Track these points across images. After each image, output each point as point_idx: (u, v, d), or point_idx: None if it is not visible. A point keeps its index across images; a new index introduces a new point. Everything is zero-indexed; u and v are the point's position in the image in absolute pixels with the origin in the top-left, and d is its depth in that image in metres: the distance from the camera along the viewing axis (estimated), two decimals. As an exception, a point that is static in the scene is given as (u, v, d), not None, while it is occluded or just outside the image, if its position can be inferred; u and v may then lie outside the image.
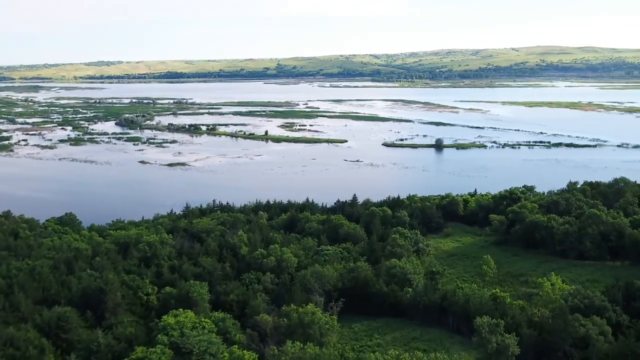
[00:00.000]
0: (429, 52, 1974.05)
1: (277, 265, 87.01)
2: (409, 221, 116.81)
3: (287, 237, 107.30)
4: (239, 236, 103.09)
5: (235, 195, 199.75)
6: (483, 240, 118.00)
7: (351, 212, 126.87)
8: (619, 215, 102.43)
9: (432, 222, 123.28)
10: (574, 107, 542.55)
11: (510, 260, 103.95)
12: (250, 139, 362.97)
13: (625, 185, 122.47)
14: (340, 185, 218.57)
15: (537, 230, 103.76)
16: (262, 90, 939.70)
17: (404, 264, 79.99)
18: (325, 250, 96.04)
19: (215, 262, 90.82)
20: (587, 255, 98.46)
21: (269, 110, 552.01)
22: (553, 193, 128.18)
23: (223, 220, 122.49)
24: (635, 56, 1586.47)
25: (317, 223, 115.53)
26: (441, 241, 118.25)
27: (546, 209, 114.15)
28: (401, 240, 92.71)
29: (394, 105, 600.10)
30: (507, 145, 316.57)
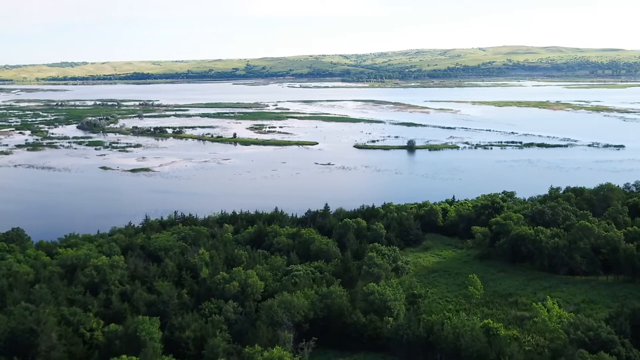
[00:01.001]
0: (398, 52, 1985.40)
1: (241, 291, 77.77)
2: (385, 234, 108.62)
3: (254, 254, 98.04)
4: (201, 255, 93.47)
5: (201, 203, 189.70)
6: (465, 254, 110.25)
7: (323, 224, 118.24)
8: (611, 227, 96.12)
9: (410, 235, 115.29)
10: (543, 106, 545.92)
11: (497, 277, 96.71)
12: (218, 142, 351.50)
13: (611, 191, 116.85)
14: (311, 191, 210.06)
15: (524, 244, 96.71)
16: (231, 91, 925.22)
17: (383, 289, 71.64)
18: (296, 270, 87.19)
19: (173, 288, 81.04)
20: (578, 271, 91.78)
21: (237, 111, 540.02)
22: (535, 200, 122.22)
23: (184, 235, 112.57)
24: (598, 56, 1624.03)
25: (287, 237, 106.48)
26: (420, 255, 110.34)
27: (531, 219, 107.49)
28: (378, 258, 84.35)
29: (365, 106, 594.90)
30: (479, 146, 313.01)
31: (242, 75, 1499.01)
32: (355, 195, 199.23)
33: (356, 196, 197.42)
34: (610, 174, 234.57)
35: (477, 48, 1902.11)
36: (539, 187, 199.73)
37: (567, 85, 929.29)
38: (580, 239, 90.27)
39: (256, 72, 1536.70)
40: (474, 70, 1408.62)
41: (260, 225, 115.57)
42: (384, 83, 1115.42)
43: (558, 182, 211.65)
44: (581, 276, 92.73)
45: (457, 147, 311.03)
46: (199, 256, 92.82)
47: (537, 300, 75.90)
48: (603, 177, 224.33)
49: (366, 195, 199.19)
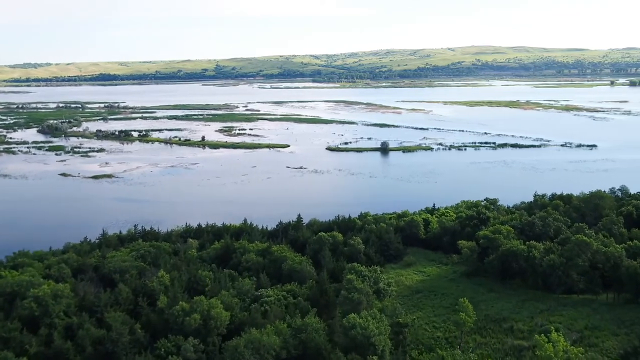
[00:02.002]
0: (369, 52, 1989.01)
1: (204, 325, 68.34)
2: (363, 249, 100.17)
3: (220, 274, 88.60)
4: (160, 278, 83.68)
5: (166, 212, 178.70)
6: (451, 271, 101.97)
7: (296, 237, 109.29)
8: (610, 241, 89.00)
9: (391, 250, 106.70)
10: (513, 106, 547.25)
11: (487, 298, 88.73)
12: (185, 146, 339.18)
13: (602, 199, 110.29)
14: (283, 197, 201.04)
15: (516, 260, 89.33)
16: (200, 92, 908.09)
17: (365, 321, 63.13)
18: (266, 295, 78.13)
19: (126, 320, 71.23)
20: (574, 289, 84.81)
21: (206, 113, 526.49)
22: (520, 207, 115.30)
23: (144, 252, 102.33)
24: (564, 55, 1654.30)
25: (256, 254, 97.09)
26: (402, 273, 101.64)
27: (520, 231, 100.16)
28: (358, 281, 75.66)
29: (336, 107, 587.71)
30: (453, 147, 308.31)
31: (211, 76, 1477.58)
32: (329, 201, 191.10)
33: (330, 202, 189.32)
34: (586, 174, 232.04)
35: (446, 48, 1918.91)
36: (519, 190, 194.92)
37: (535, 84, 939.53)
38: (578, 255, 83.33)
39: (226, 73, 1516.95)
40: (444, 70, 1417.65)
41: (228, 240, 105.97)
42: (355, 83, 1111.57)
43: (537, 185, 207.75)
44: (578, 295, 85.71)
45: (431, 149, 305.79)
46: (157, 279, 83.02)
47: (535, 325, 68.73)
48: (580, 178, 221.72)
49: (341, 201, 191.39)
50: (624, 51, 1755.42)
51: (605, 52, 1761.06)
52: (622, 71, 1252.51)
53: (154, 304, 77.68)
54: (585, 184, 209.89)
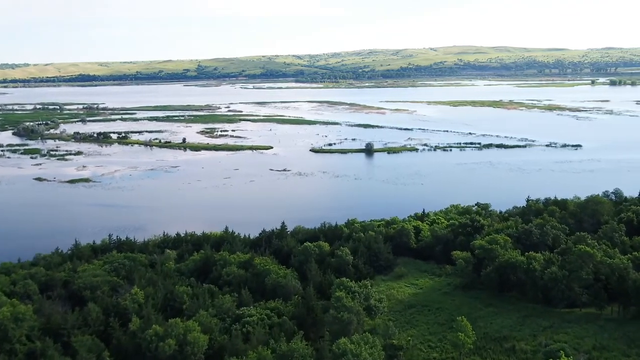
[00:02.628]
0: (351, 53, 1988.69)
1: (179, 351, 62.51)
2: (352, 261, 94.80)
3: (199, 290, 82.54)
4: (134, 295, 77.48)
5: (145, 218, 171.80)
6: (445, 283, 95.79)
7: (280, 247, 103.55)
8: (615, 252, 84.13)
9: (380, 260, 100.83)
10: (497, 105, 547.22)
11: (485, 314, 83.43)
12: (166, 148, 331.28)
13: (600, 204, 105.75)
14: (266, 201, 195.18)
15: (514, 273, 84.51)
16: (182, 93, 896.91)
17: (357, 347, 57.71)
18: (248, 315, 72.26)
19: (94, 346, 65.00)
20: (577, 302, 79.87)
21: (188, 114, 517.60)
22: (513, 213, 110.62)
23: (118, 265, 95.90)
24: (544, 55, 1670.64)
25: (238, 267, 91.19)
26: (393, 285, 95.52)
27: (516, 239, 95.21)
28: (347, 299, 70.13)
29: (320, 107, 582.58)
30: (438, 148, 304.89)
31: (193, 77, 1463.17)
32: (314, 206, 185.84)
33: (315, 206, 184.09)
34: (573, 175, 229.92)
35: (429, 48, 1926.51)
36: (509, 193, 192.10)
37: (517, 84, 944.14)
38: (581, 268, 78.65)
39: (208, 73, 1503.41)
40: (427, 70, 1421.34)
41: (208, 251, 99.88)
42: (338, 83, 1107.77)
43: (525, 187, 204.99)
44: (581, 309, 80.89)
45: (416, 150, 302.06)
46: (131, 297, 76.82)
47: (539, 345, 63.94)
48: (568, 179, 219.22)
49: (326, 205, 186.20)
50: (602, 51, 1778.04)
51: (584, 52, 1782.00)
52: (601, 71, 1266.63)
53: (126, 325, 71.47)
54: (573, 185, 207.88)
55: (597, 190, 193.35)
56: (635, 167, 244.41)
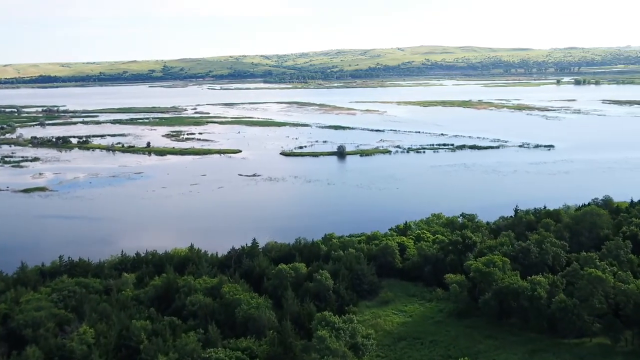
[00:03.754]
0: (319, 52, 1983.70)
1: (134, 409, 53.29)
2: (332, 285, 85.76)
3: (159, 324, 72.56)
4: (82, 334, 67.20)
5: (102, 234, 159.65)
6: (436, 310, 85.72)
7: (251, 268, 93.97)
8: (628, 275, 76.07)
9: (364, 284, 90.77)
10: (467, 105, 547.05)
11: (487, 348, 74.21)
12: (129, 153, 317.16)
13: (598, 216, 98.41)
14: (235, 211, 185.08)
15: (516, 299, 76.64)
16: (147, 94, 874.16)
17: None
18: (215, 358, 62.74)
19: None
20: (588, 332, 72.06)
21: (153, 117, 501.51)
22: (503, 225, 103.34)
23: (67, 293, 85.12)
24: (509, 55, 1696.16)
25: (204, 294, 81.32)
26: (380, 313, 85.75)
27: (512, 258, 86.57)
28: (332, 340, 61.12)
29: (289, 108, 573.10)
30: (411, 150, 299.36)
31: (159, 77, 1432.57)
32: (286, 214, 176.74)
33: (288, 215, 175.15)
34: (549, 177, 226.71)
35: (396, 48, 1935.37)
36: (489, 198, 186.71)
37: (485, 84, 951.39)
38: (592, 294, 71.29)
39: (174, 74, 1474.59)
40: (395, 69, 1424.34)
41: (170, 274, 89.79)
42: (307, 84, 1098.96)
43: (504, 191, 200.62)
44: (591, 339, 73.09)
45: (389, 152, 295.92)
46: (79, 337, 66.58)
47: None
48: (545, 182, 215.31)
49: (299, 213, 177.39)
50: (565, 51, 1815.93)
51: (548, 51, 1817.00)
52: (565, 70, 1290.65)
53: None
54: (552, 188, 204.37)
55: (579, 194, 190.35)
56: (608, 167, 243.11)
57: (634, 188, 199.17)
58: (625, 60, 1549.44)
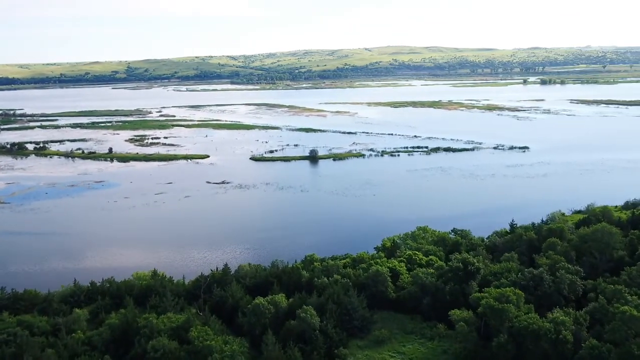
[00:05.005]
0: (287, 53, 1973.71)
1: None
2: (318, 324, 74.76)
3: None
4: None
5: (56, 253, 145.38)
6: (440, 351, 73.64)
7: (223, 299, 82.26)
8: None
9: (354, 320, 78.01)
10: (437, 106, 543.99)
11: None
12: (90, 159, 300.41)
13: (610, 236, 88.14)
14: (203, 222, 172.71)
15: (536, 342, 66.07)
16: (110, 96, 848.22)
17: None
18: None
19: None
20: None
21: (115, 120, 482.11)
22: (495, 240, 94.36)
23: (7, 337, 72.19)
24: (475, 55, 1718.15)
25: (169, 337, 69.21)
26: (375, 356, 72.99)
27: (522, 287, 75.91)
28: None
29: (258, 110, 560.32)
30: (385, 153, 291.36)
31: (122, 79, 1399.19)
32: (259, 226, 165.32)
33: (261, 227, 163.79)
34: (528, 181, 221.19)
35: (363, 48, 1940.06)
36: (472, 204, 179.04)
37: (453, 84, 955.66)
38: (626, 338, 61.86)
39: (138, 75, 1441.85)
40: (363, 70, 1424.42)
41: (130, 310, 77.60)
42: (275, 84, 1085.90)
43: (485, 196, 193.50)
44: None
45: (362, 155, 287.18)
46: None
47: None
48: (525, 186, 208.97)
49: (272, 225, 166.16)
50: (529, 50, 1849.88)
51: (512, 51, 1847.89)
52: (530, 70, 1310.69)
53: None
54: (534, 193, 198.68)
55: (563, 198, 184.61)
56: (585, 170, 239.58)
57: (616, 191, 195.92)
58: (587, 60, 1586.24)
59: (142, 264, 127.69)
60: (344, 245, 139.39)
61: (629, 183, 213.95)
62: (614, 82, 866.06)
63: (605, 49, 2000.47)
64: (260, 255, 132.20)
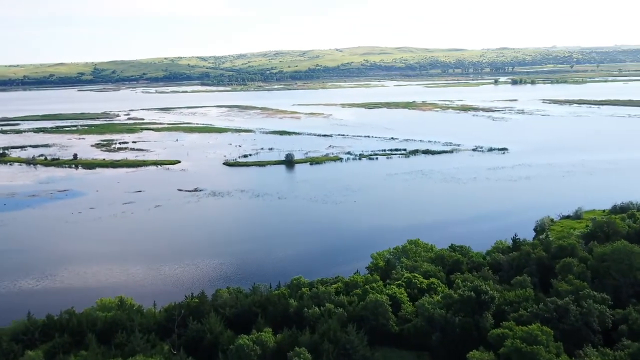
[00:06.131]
0: (257, 54, 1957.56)
1: None
2: (314, 372, 63.70)
3: None
4: None
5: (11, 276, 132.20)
6: None
7: (200, 334, 71.46)
8: None
9: None
10: (412, 107, 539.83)
11: None
12: (54, 166, 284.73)
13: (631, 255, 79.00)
14: (175, 235, 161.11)
15: None
16: (75, 99, 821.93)
17: None
18: None
19: None
20: None
21: (81, 124, 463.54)
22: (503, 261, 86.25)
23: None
24: (445, 55, 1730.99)
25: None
26: None
27: (545, 320, 66.32)
28: None
29: (230, 112, 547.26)
30: (363, 156, 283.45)
31: (88, 81, 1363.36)
32: (236, 239, 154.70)
33: (238, 240, 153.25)
34: (511, 184, 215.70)
35: (334, 49, 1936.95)
36: (458, 210, 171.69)
37: (425, 84, 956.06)
38: None
39: (105, 77, 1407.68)
40: (335, 70, 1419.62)
41: (92, 351, 66.45)
42: (247, 86, 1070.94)
43: (474, 203, 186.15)
44: None
45: (340, 159, 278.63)
46: None
47: None
48: (510, 190, 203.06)
49: (250, 236, 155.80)
50: (497, 51, 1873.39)
51: (481, 51, 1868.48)
52: (500, 70, 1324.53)
53: None
54: (520, 197, 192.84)
55: (551, 202, 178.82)
56: (567, 171, 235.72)
57: (601, 194, 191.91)
58: (554, 60, 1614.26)
59: (108, 285, 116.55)
60: (329, 260, 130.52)
61: (613, 185, 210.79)
62: (582, 81, 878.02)
63: (571, 49, 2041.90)
64: (238, 274, 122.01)
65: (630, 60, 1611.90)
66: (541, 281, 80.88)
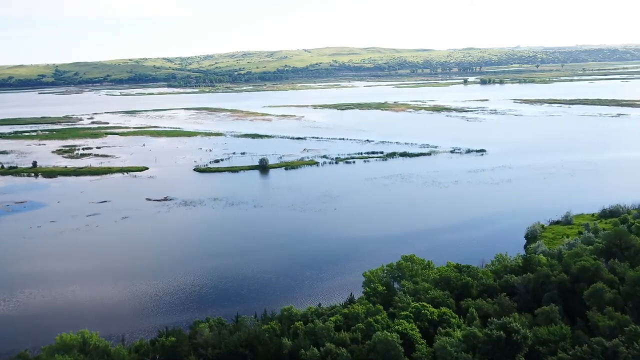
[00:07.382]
0: (225, 55, 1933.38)
1: None
2: None
3: None
4: None
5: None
6: None
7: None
8: None
9: None
10: (384, 108, 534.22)
11: None
12: (11, 175, 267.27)
13: None
14: (144, 254, 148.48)
15: None
16: (36, 102, 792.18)
17: None
18: None
19: None
20: None
21: (41, 129, 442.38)
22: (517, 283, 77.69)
23: None
24: (413, 55, 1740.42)
25: None
26: None
27: None
28: None
29: (199, 115, 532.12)
30: (340, 160, 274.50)
31: (50, 83, 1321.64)
32: (212, 253, 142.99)
33: (214, 254, 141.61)
34: (493, 187, 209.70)
35: (303, 49, 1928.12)
36: (446, 217, 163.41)
37: (395, 84, 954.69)
38: None
39: (67, 79, 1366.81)
40: (303, 71, 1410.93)
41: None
42: (215, 87, 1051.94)
43: (460, 207, 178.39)
44: None
45: (316, 163, 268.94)
46: None
47: None
48: (494, 194, 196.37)
49: (226, 251, 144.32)
50: (464, 51, 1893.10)
51: (447, 52, 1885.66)
52: (467, 70, 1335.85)
53: None
54: (505, 201, 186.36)
55: (539, 207, 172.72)
56: (549, 173, 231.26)
57: (586, 197, 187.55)
58: (519, 60, 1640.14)
59: (70, 314, 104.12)
60: (313, 275, 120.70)
61: (596, 187, 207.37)
62: (549, 81, 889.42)
63: (535, 49, 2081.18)
64: (216, 295, 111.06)
65: (593, 59, 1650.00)
66: (566, 310, 72.31)
